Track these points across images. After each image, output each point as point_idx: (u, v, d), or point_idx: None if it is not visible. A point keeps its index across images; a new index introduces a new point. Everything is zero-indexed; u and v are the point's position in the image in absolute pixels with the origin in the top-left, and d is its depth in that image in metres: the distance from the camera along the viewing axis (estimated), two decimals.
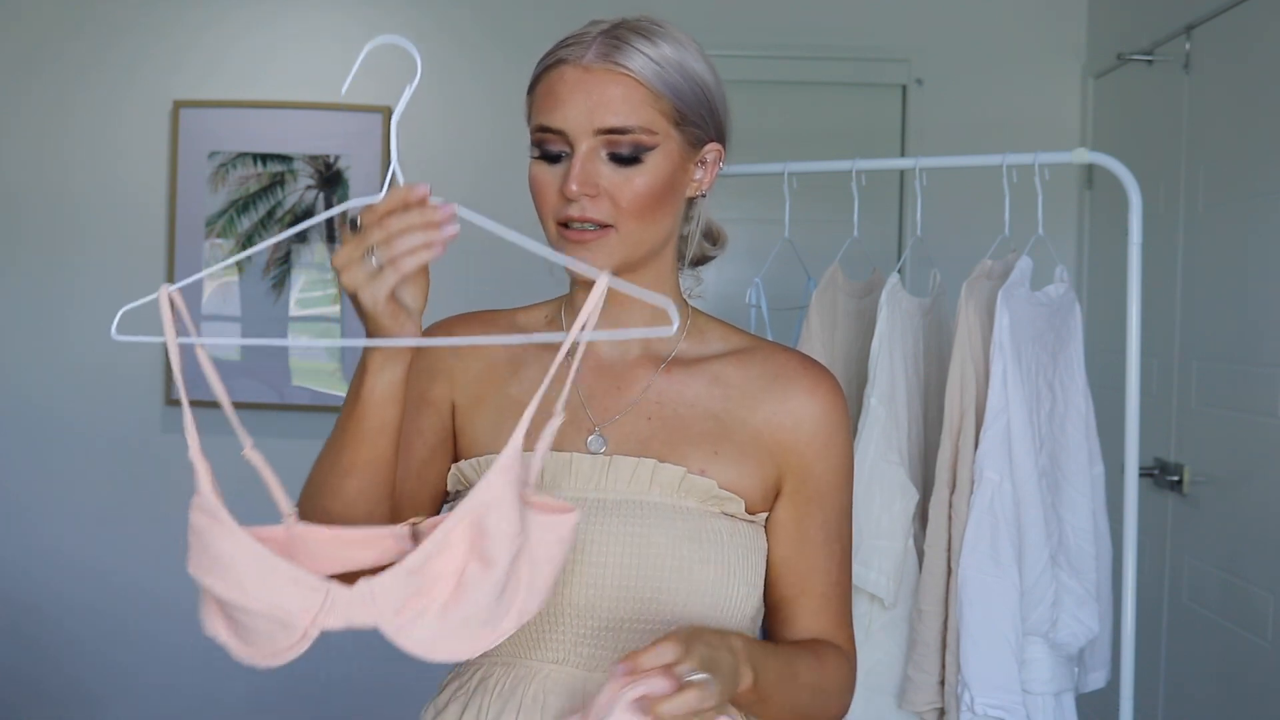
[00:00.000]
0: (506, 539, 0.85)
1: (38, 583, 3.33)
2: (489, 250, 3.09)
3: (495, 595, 0.86)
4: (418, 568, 0.86)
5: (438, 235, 0.90)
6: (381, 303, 0.92)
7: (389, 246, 0.90)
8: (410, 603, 0.86)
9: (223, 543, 0.88)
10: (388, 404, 0.98)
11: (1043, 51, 3.34)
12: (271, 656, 0.90)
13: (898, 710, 1.92)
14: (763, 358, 1.18)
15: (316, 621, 0.87)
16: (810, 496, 1.15)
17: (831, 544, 1.16)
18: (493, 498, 0.86)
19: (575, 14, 1.18)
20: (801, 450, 1.14)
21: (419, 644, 0.87)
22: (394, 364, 0.97)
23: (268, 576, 0.87)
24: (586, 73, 1.08)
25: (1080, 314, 2.04)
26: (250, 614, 0.87)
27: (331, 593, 0.87)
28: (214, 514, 0.89)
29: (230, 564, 0.87)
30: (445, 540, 0.86)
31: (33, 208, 3.33)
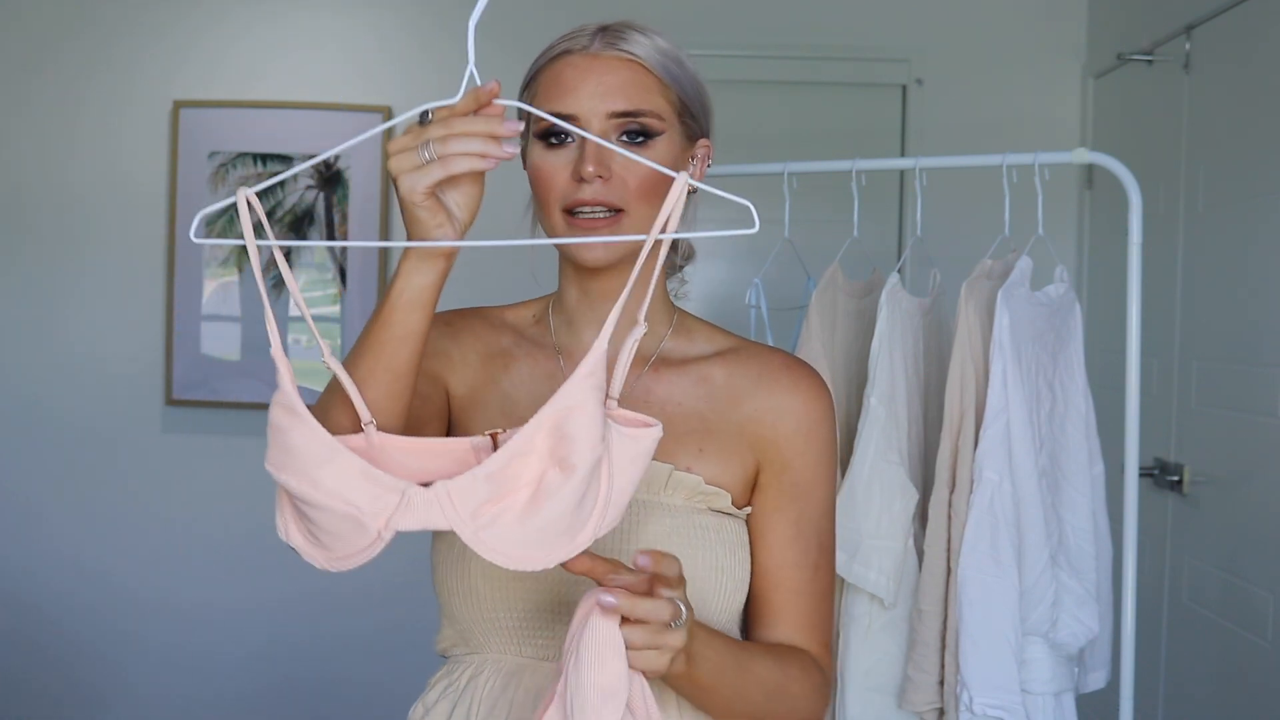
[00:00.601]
0: (588, 446, 0.84)
1: (37, 583, 3.33)
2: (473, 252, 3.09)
3: (574, 503, 0.85)
4: (496, 471, 0.85)
5: (496, 149, 0.88)
6: (419, 193, 0.90)
7: (444, 144, 0.88)
8: (487, 507, 0.85)
9: (300, 438, 0.87)
10: (414, 309, 0.95)
11: (1043, 51, 3.34)
12: (344, 559, 0.89)
13: (898, 710, 1.92)
14: (748, 357, 1.18)
15: (391, 522, 0.87)
16: (784, 490, 1.14)
17: (805, 540, 1.15)
18: (575, 403, 0.85)
19: (576, 14, 1.18)
20: (780, 444, 1.14)
21: (495, 549, 0.86)
22: (427, 268, 0.94)
23: (344, 474, 0.86)
24: (595, 59, 1.09)
25: (1080, 314, 2.04)
26: (325, 511, 0.87)
27: (407, 493, 0.86)
28: (294, 410, 0.88)
29: (307, 460, 0.87)
30: (526, 444, 0.85)
31: (35, 207, 3.33)
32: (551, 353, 1.19)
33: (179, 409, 3.31)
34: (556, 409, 0.85)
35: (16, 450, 3.34)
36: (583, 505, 0.86)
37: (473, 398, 1.18)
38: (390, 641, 3.19)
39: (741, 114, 3.26)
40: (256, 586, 3.29)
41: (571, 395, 0.85)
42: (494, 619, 1.11)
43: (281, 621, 3.31)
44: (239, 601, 3.31)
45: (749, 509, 1.16)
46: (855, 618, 1.93)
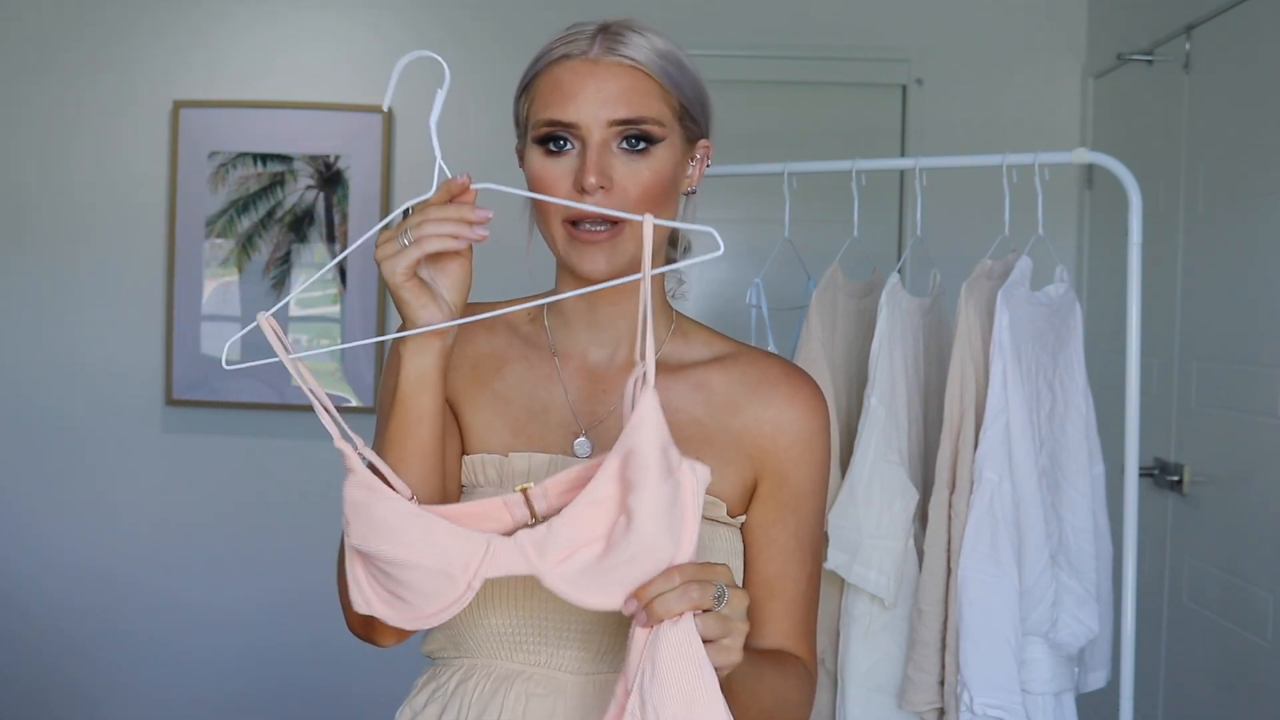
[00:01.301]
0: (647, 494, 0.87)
1: (36, 582, 3.33)
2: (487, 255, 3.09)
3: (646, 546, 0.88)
4: (573, 519, 0.90)
5: (467, 231, 0.95)
6: (399, 275, 0.96)
7: (419, 229, 0.95)
8: (565, 553, 0.90)
9: (383, 508, 0.93)
10: (422, 392, 1.01)
11: (1043, 51, 3.35)
12: (433, 615, 0.94)
13: (898, 710, 1.92)
14: (746, 364, 1.17)
15: (480, 572, 0.92)
16: (785, 502, 1.14)
17: (802, 550, 1.16)
18: (634, 445, 0.88)
19: (576, 15, 1.17)
20: (780, 456, 1.14)
21: (575, 593, 0.90)
22: (425, 352, 1.00)
23: (431, 533, 0.92)
24: (595, 65, 1.07)
25: (1080, 314, 2.04)
26: (415, 570, 0.92)
27: (492, 544, 0.91)
28: (371, 488, 0.94)
29: (394, 526, 0.92)
30: (599, 492, 0.89)
31: (36, 207, 3.33)
32: (547, 354, 1.18)
33: (179, 409, 3.31)
34: (620, 455, 0.89)
35: (16, 450, 3.34)
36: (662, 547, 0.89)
37: (462, 400, 1.17)
38: None
39: (741, 114, 3.26)
40: (255, 587, 3.29)
41: (630, 440, 0.88)
42: (487, 624, 1.10)
43: (280, 622, 3.31)
44: (237, 602, 3.31)
45: (743, 518, 1.15)
46: (855, 618, 1.93)
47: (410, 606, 0.94)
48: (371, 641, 1.13)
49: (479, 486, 1.13)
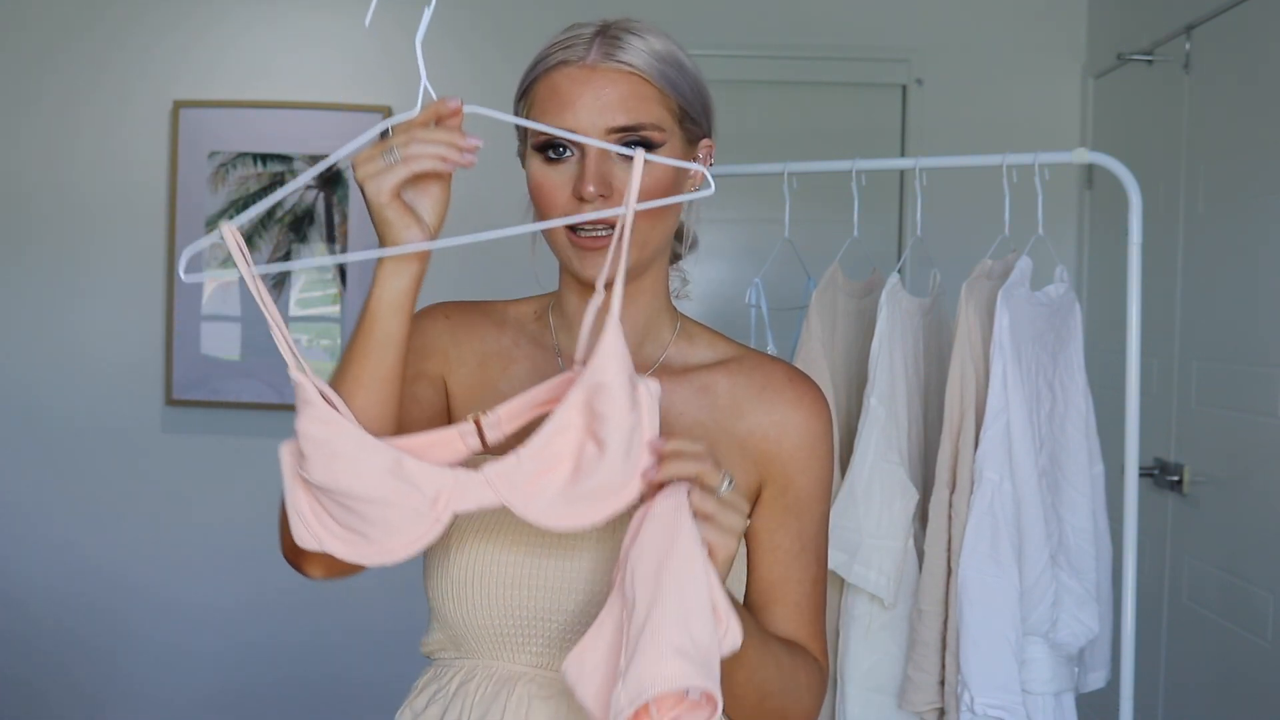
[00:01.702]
0: (616, 424, 0.89)
1: (37, 582, 3.33)
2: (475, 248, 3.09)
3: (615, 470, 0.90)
4: (538, 450, 0.90)
5: (456, 155, 0.94)
6: (385, 194, 0.94)
7: (406, 147, 0.93)
8: (533, 481, 0.91)
9: (345, 442, 0.91)
10: (394, 314, 0.99)
11: (1043, 51, 3.35)
12: (400, 549, 0.93)
13: (898, 710, 1.92)
14: (750, 368, 1.17)
15: (448, 505, 0.91)
16: (788, 506, 1.14)
17: (806, 554, 1.15)
18: (602, 381, 0.90)
19: (574, 15, 1.17)
20: (784, 461, 1.13)
21: (545, 517, 0.91)
22: (402, 273, 0.98)
23: (397, 468, 0.90)
24: (593, 71, 1.06)
25: (1080, 314, 2.04)
26: (379, 504, 0.90)
27: (459, 477, 0.91)
28: (330, 421, 0.92)
29: (358, 461, 0.90)
30: (564, 421, 0.90)
31: (37, 207, 3.33)
32: (551, 354, 1.18)
33: (179, 409, 3.31)
34: (586, 388, 0.90)
35: (16, 449, 3.34)
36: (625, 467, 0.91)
37: (468, 397, 1.17)
38: (387, 640, 3.19)
39: (741, 114, 3.27)
40: (255, 586, 3.29)
41: (598, 376, 0.90)
42: (487, 625, 1.09)
43: (280, 620, 3.31)
44: (237, 601, 3.31)
45: (747, 522, 1.15)
46: (855, 618, 1.93)
47: (371, 543, 0.92)
48: (299, 569, 1.09)
49: None
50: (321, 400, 0.93)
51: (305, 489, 0.94)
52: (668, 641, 0.85)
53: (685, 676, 0.84)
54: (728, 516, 0.94)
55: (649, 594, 0.87)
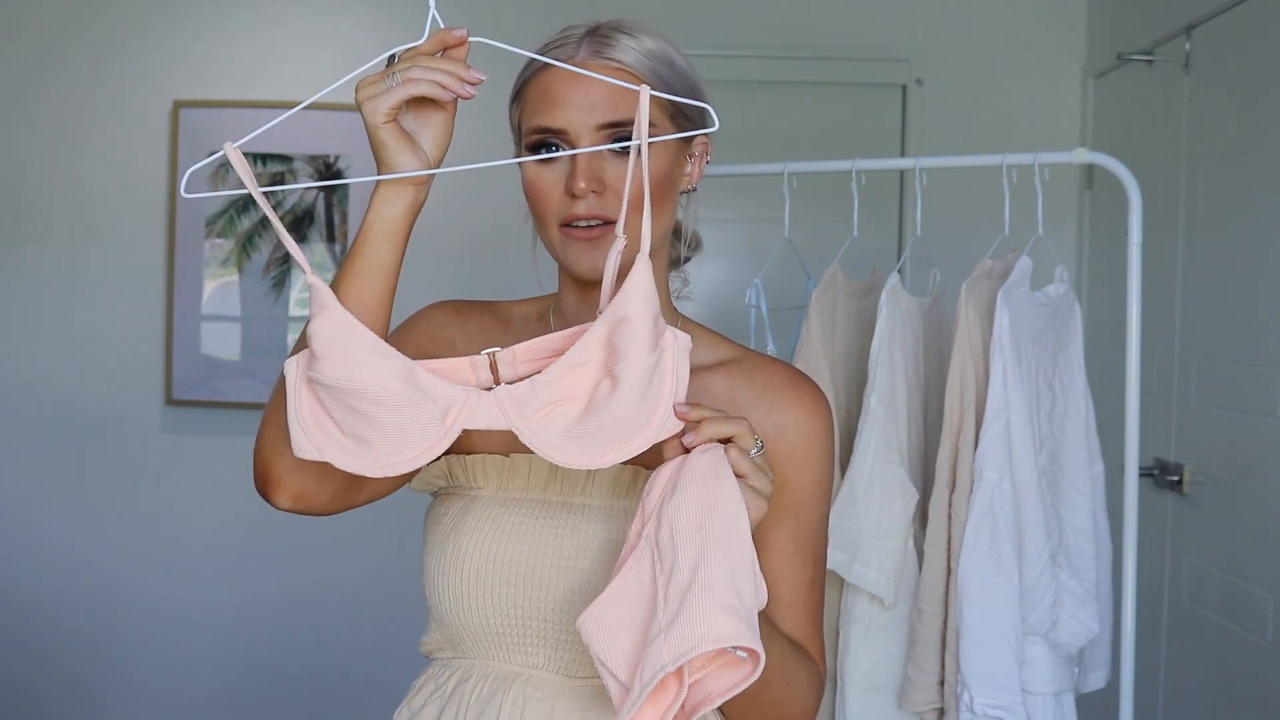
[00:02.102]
0: (633, 360, 0.88)
1: (37, 581, 3.33)
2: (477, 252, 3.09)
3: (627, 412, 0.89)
4: (555, 379, 0.89)
5: (457, 85, 0.93)
6: (381, 114, 0.94)
7: (408, 71, 0.93)
8: (544, 410, 0.90)
9: (360, 345, 0.90)
10: (385, 240, 0.98)
11: (1043, 51, 3.35)
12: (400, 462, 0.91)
13: (898, 710, 1.92)
14: (750, 369, 1.16)
15: (458, 420, 0.90)
16: (785, 507, 1.13)
17: (803, 555, 1.14)
18: (624, 315, 0.89)
19: (572, 15, 1.17)
20: (782, 461, 1.12)
21: (551, 449, 0.90)
22: (398, 199, 0.97)
23: (411, 376, 0.89)
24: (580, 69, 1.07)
25: (1080, 314, 2.04)
26: (394, 409, 0.89)
27: (470, 396, 0.90)
28: (349, 325, 0.91)
29: (374, 364, 0.89)
30: (583, 355, 0.89)
31: (38, 207, 3.33)
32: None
33: (179, 409, 3.31)
34: (609, 322, 0.89)
35: (16, 449, 3.34)
36: (639, 412, 0.90)
37: None
38: (387, 637, 3.19)
39: (741, 114, 3.26)
40: (254, 585, 3.29)
41: (622, 309, 0.89)
42: (484, 625, 1.09)
43: (279, 619, 3.31)
44: (237, 600, 3.31)
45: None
46: (855, 618, 1.93)
47: (374, 452, 0.91)
48: (267, 498, 1.06)
49: (479, 488, 1.12)
50: (339, 305, 0.91)
51: (310, 395, 0.92)
52: (718, 599, 0.86)
53: (736, 635, 0.85)
54: (760, 479, 0.95)
55: (694, 551, 0.87)
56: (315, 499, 1.04)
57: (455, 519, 1.11)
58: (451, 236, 3.21)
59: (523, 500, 1.10)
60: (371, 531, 2.99)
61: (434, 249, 3.25)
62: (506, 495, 1.11)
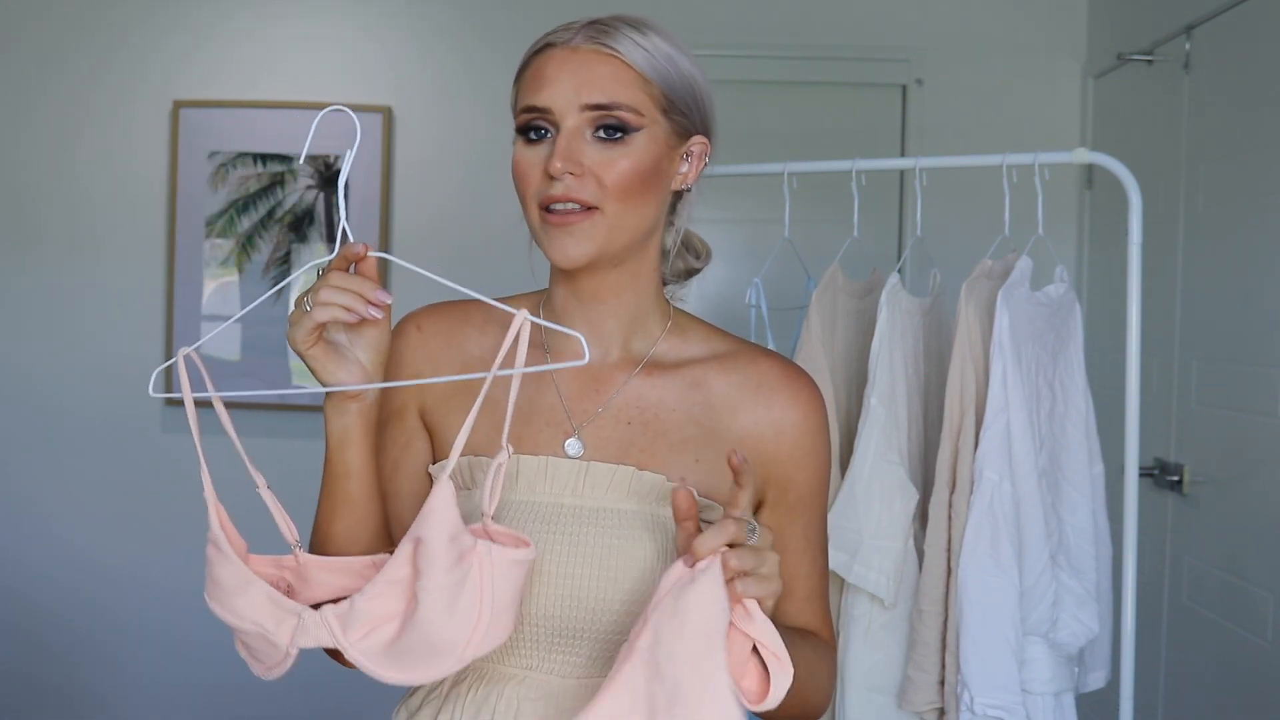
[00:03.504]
0: (431, 580, 0.90)
1: (37, 581, 3.33)
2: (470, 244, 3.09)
3: (435, 627, 0.91)
4: (369, 600, 0.93)
5: (361, 307, 0.98)
6: (300, 342, 0.99)
7: (316, 295, 0.98)
8: (365, 630, 0.94)
9: (223, 571, 0.98)
10: (345, 448, 1.04)
11: (1043, 51, 3.35)
12: (270, 669, 1.01)
13: (898, 710, 1.92)
14: (745, 363, 1.16)
15: (294, 641, 0.96)
16: (792, 505, 1.14)
17: (813, 548, 1.18)
18: (421, 534, 0.91)
19: (570, 15, 1.17)
20: (783, 460, 1.13)
21: (374, 669, 0.94)
22: (344, 413, 1.03)
23: (255, 601, 0.97)
24: (574, 53, 1.07)
25: (1080, 314, 2.04)
26: (247, 634, 0.98)
27: (303, 616, 0.96)
28: (219, 546, 0.98)
29: (228, 590, 0.97)
30: (395, 571, 0.92)
31: (39, 207, 3.33)
32: (541, 352, 1.16)
33: (179, 409, 3.30)
34: (410, 542, 0.92)
35: (17, 448, 3.34)
36: (449, 628, 0.91)
37: (452, 403, 1.16)
38: None
39: (741, 114, 3.26)
40: None
41: (420, 529, 0.91)
42: None
43: None
44: None
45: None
46: (855, 618, 1.93)
47: (255, 658, 1.02)
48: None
49: (474, 488, 1.12)
50: (217, 526, 0.99)
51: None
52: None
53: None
54: (767, 563, 0.94)
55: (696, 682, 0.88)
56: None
57: None
58: (452, 236, 3.21)
59: (521, 503, 1.10)
60: None
61: (434, 248, 3.26)
62: (505, 498, 1.10)
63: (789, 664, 0.94)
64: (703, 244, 1.24)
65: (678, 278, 1.23)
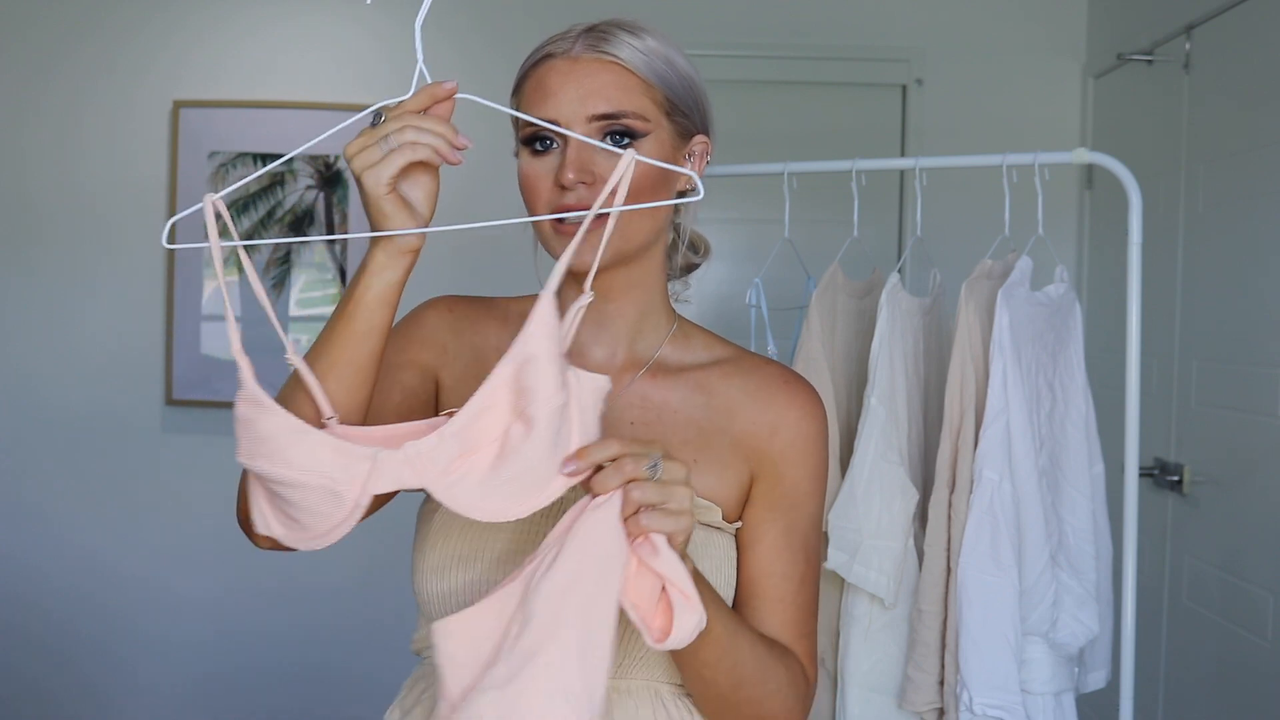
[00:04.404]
0: (544, 397, 0.85)
1: (38, 581, 3.33)
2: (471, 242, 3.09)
3: (542, 454, 0.86)
4: (462, 428, 0.86)
5: (447, 150, 0.92)
6: (383, 184, 0.92)
7: (402, 134, 0.92)
8: (456, 464, 0.87)
9: (268, 424, 0.88)
10: (380, 306, 0.97)
11: (1043, 51, 3.35)
12: (324, 535, 0.90)
13: (898, 710, 1.92)
14: (748, 369, 1.16)
15: (366, 488, 0.88)
16: (775, 502, 1.13)
17: (793, 551, 1.13)
18: (530, 354, 0.86)
19: (569, 16, 1.17)
20: (775, 457, 1.13)
21: (466, 504, 0.87)
22: (395, 265, 0.96)
23: (314, 450, 0.88)
24: (575, 63, 1.07)
25: (1080, 314, 2.04)
26: (301, 489, 0.88)
27: (378, 457, 0.87)
28: (260, 402, 0.89)
29: (279, 443, 0.88)
30: (488, 400, 0.86)
31: (40, 207, 3.33)
32: None
33: (179, 409, 3.31)
34: (514, 362, 0.86)
35: (17, 448, 3.34)
36: (552, 455, 0.86)
37: (462, 391, 1.16)
38: (382, 635, 3.20)
39: (741, 114, 3.26)
40: (252, 584, 3.30)
41: (527, 344, 0.86)
42: None
43: (277, 618, 3.32)
44: (235, 598, 3.32)
45: (739, 524, 1.14)
46: (855, 618, 1.93)
47: (302, 527, 0.90)
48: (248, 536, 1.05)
49: None
50: (252, 382, 0.90)
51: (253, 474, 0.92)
52: (560, 685, 0.84)
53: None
54: (674, 497, 0.90)
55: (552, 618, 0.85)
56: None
57: (445, 515, 1.11)
58: (453, 234, 3.21)
59: None
60: (368, 529, 2.97)
61: (435, 246, 3.26)
62: None
63: (698, 604, 0.89)
64: (702, 239, 1.25)
65: (679, 273, 1.24)
